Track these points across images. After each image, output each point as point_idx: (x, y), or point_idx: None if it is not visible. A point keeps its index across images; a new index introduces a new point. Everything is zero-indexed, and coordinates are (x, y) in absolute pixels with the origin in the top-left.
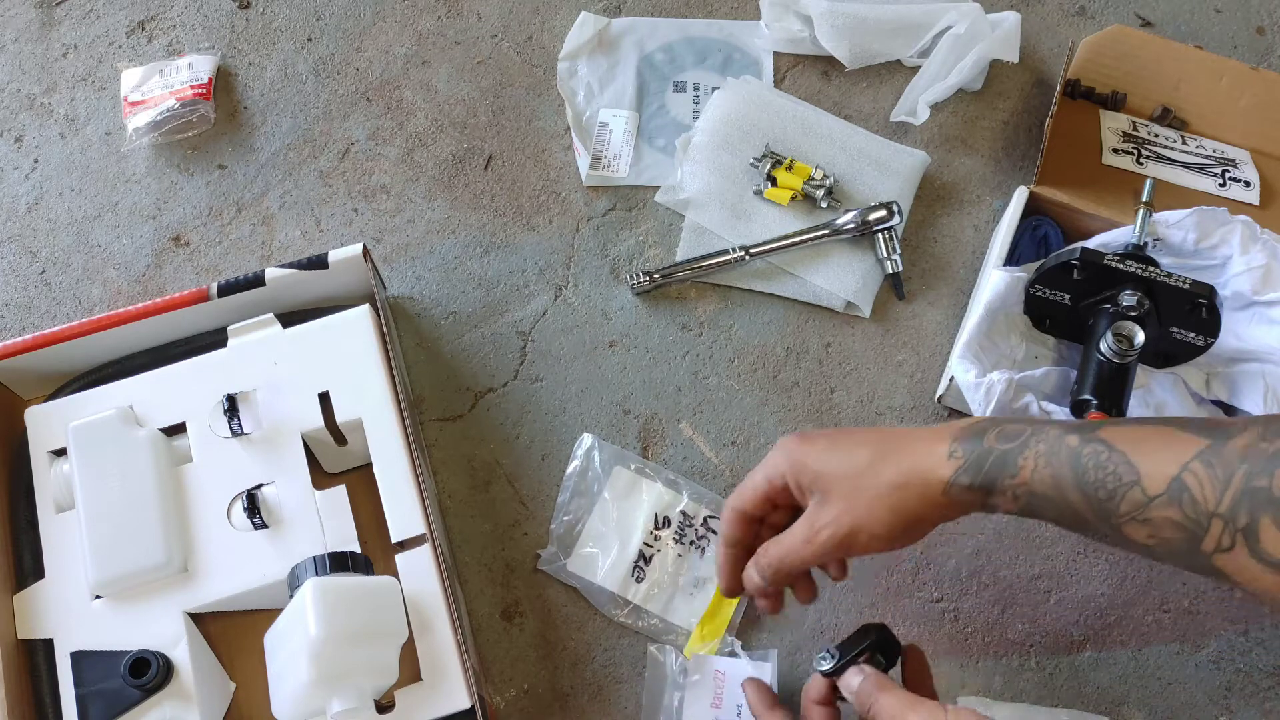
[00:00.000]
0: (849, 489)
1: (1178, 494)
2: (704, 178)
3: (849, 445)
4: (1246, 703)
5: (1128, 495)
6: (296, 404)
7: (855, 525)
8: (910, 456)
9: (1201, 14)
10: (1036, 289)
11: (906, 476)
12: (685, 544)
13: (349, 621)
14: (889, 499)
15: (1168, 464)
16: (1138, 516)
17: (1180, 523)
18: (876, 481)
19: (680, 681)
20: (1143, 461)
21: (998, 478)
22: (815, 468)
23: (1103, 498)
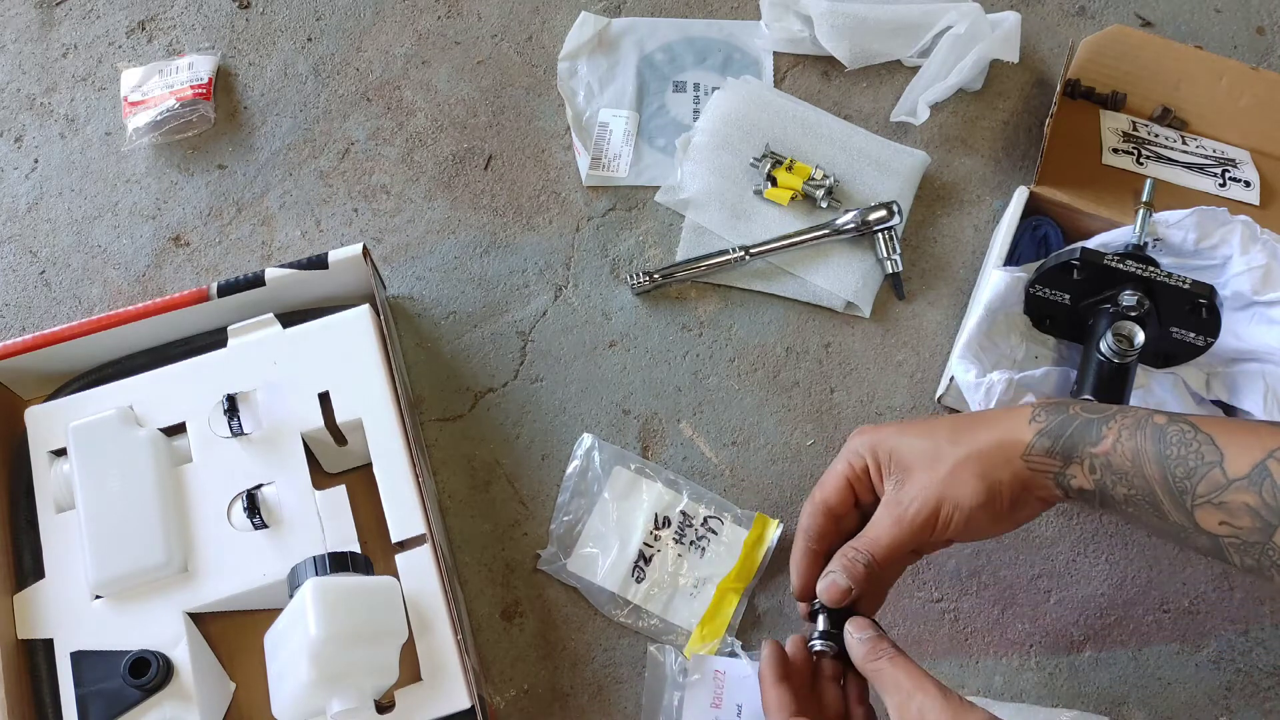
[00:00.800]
0: (930, 461)
1: (1259, 479)
2: (704, 178)
3: (927, 424)
4: (1246, 703)
5: (1208, 475)
6: (296, 404)
7: (941, 497)
8: (990, 424)
9: (1201, 14)
10: (1036, 289)
11: (986, 443)
12: (685, 544)
13: (349, 621)
14: (972, 465)
15: (1254, 450)
16: (1214, 499)
17: (1257, 509)
18: (957, 450)
19: (680, 681)
20: (1228, 445)
21: (1078, 444)
22: (894, 443)
23: (1181, 475)
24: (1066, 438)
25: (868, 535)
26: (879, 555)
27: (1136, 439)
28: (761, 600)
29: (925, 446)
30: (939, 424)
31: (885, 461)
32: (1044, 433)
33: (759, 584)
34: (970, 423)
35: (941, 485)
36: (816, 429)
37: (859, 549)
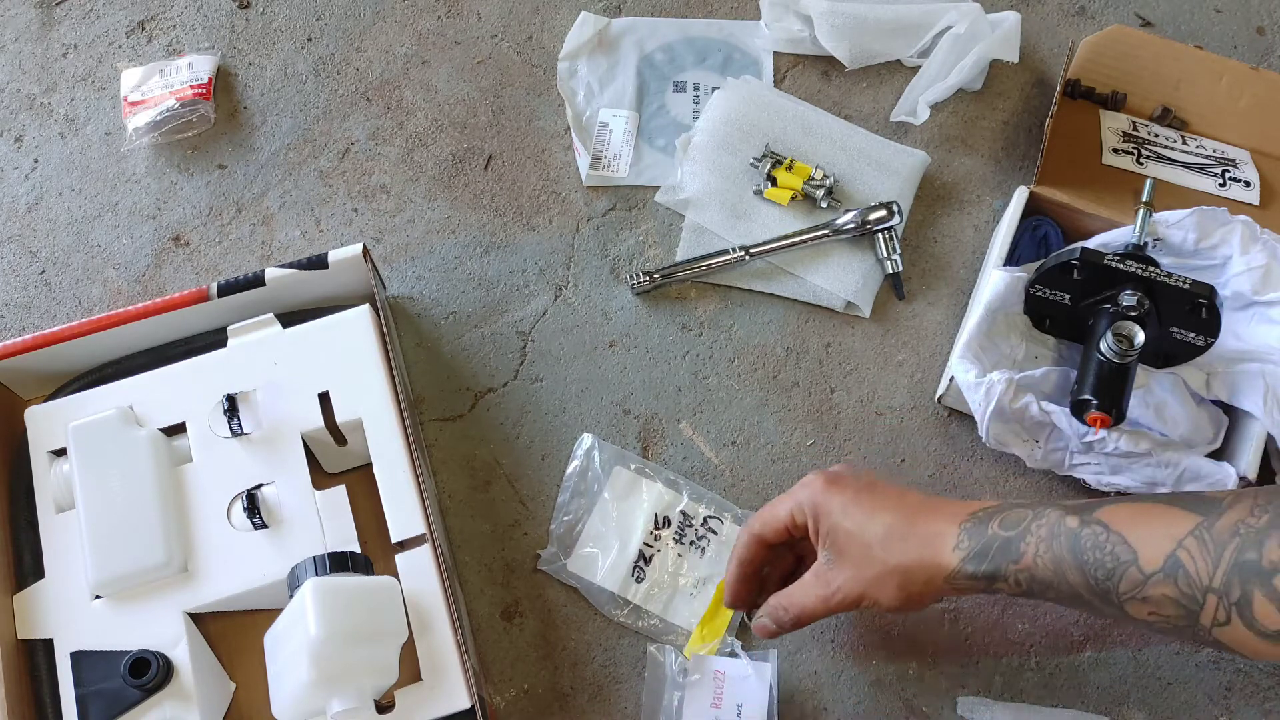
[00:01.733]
0: (861, 558)
1: (1173, 570)
2: (704, 178)
3: (869, 509)
4: (1246, 703)
5: (1126, 574)
6: (296, 404)
7: (864, 593)
8: (920, 540)
9: (1201, 14)
10: (1036, 289)
11: (915, 560)
12: (685, 544)
13: (349, 621)
14: (896, 577)
15: (1163, 541)
16: (1137, 595)
17: (1177, 599)
18: (887, 558)
19: (680, 681)
20: (1139, 540)
21: (1000, 564)
22: (835, 522)
23: (1102, 577)
24: (989, 560)
25: (796, 597)
26: (804, 617)
27: (1054, 549)
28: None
29: (859, 541)
30: (881, 512)
31: (823, 533)
32: (967, 559)
33: None
34: (902, 531)
35: (866, 585)
36: (816, 429)
37: (788, 608)
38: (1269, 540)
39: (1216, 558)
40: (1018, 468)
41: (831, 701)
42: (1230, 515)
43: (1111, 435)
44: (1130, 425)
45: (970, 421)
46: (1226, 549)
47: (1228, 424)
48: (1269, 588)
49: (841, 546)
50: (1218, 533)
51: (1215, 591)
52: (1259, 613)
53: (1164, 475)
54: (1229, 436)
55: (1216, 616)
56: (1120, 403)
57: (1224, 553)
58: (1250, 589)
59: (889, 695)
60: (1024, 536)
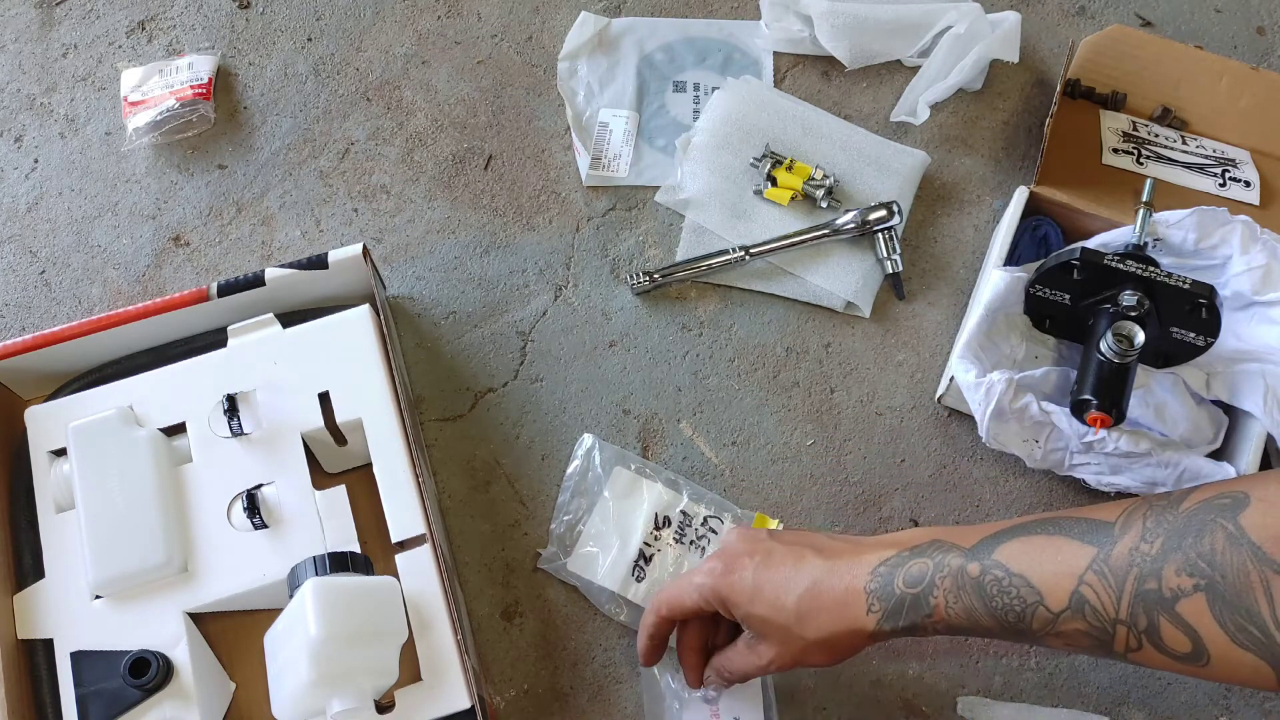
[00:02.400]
0: (782, 639)
1: (1079, 607)
2: (704, 178)
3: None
4: (1246, 703)
5: (1036, 614)
6: (296, 404)
7: (796, 660)
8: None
9: (1201, 14)
10: (1036, 289)
11: (833, 631)
12: (685, 544)
13: (349, 621)
14: (822, 648)
15: (1064, 579)
16: (1051, 631)
17: (1088, 632)
18: (805, 634)
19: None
20: (1041, 580)
21: (915, 620)
22: (746, 610)
23: (1013, 620)
24: (904, 617)
25: (737, 665)
26: (746, 679)
27: (962, 600)
28: None
29: (775, 625)
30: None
31: (740, 618)
32: (884, 619)
33: None
34: (812, 606)
35: (795, 656)
36: (816, 429)
37: (731, 673)
38: (1165, 567)
39: (1119, 590)
40: (1018, 468)
41: (831, 702)
42: (1124, 543)
43: (1111, 435)
44: (1130, 425)
45: (970, 421)
46: (1126, 580)
47: (1228, 424)
48: (1173, 614)
49: (760, 630)
50: (1114, 564)
51: (1123, 622)
52: (1167, 639)
53: (1164, 475)
54: (1229, 436)
55: (1129, 644)
56: (1120, 403)
57: (1124, 584)
58: (1156, 617)
59: (889, 695)
60: (930, 591)
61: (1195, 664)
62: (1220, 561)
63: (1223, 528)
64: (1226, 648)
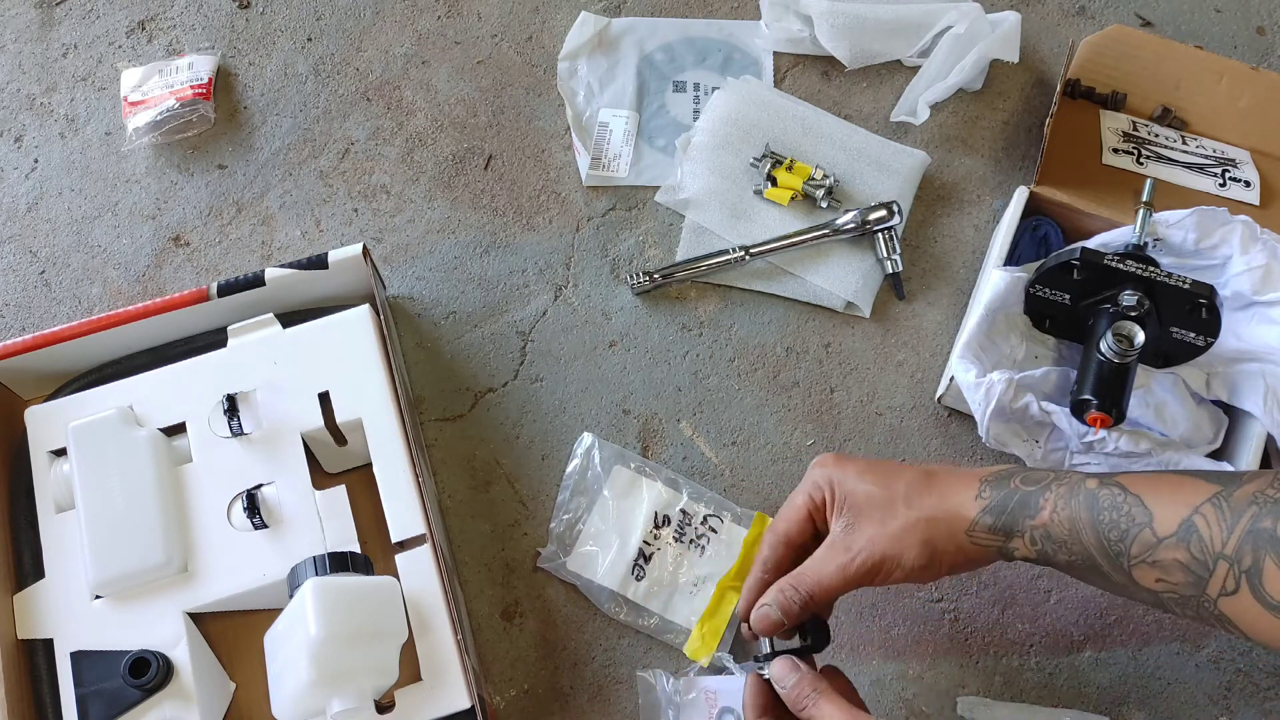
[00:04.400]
0: (881, 516)
1: (1187, 535)
2: (704, 178)
3: (885, 471)
4: (1246, 703)
5: (1139, 536)
6: (296, 404)
7: (886, 554)
8: (941, 491)
9: (1201, 14)
10: (1036, 289)
11: (935, 510)
12: (685, 543)
13: (349, 621)
14: (918, 531)
15: (1180, 506)
16: (1148, 559)
17: (1187, 564)
18: (908, 512)
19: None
20: (1156, 504)
21: (1018, 518)
22: (851, 487)
23: (1115, 538)
24: (1008, 514)
25: (808, 574)
26: (818, 595)
27: (1071, 507)
28: None
29: (880, 499)
30: (896, 477)
31: (840, 501)
32: (987, 510)
33: None
34: (924, 486)
35: (887, 543)
36: (816, 429)
37: (797, 587)
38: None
39: (1232, 524)
40: None
41: None
42: (1250, 486)
43: (1111, 435)
44: (1130, 425)
45: (970, 421)
46: (1243, 516)
47: (1228, 424)
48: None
49: (860, 507)
50: (1235, 501)
51: (1227, 558)
52: (1269, 582)
53: None
54: (1229, 436)
55: (1225, 585)
56: (1120, 403)
57: (1240, 520)
58: (1262, 556)
59: (889, 695)
60: (1043, 492)
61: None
62: None
63: None
64: None
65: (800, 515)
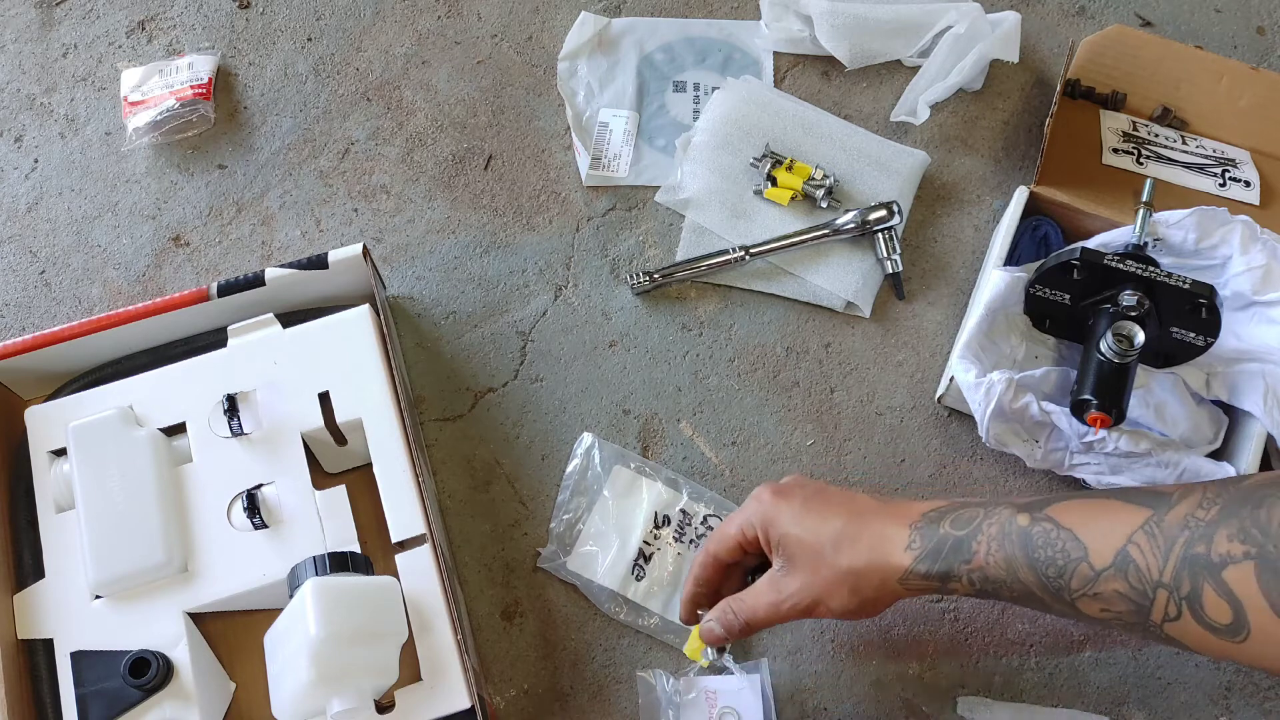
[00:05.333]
0: (812, 564)
1: (1123, 566)
2: (704, 178)
3: (819, 514)
4: (1246, 703)
5: (1077, 571)
6: (296, 404)
7: (816, 599)
8: (870, 542)
9: (1201, 14)
10: (1036, 289)
11: (866, 562)
12: (685, 542)
13: (349, 621)
14: (849, 581)
15: (1113, 537)
16: (1088, 591)
17: (1128, 594)
18: (838, 561)
19: (676, 701)
20: (1089, 536)
21: (952, 564)
22: (784, 530)
23: (1053, 575)
24: (941, 560)
25: (748, 602)
26: (754, 622)
27: (1005, 548)
28: None
29: (810, 547)
30: (831, 517)
31: (775, 542)
32: (920, 559)
33: None
34: (853, 535)
35: (818, 591)
36: (816, 429)
37: (737, 612)
38: (1218, 533)
39: (1166, 552)
40: (1018, 468)
41: (831, 701)
42: (1180, 509)
43: (1111, 435)
44: (1130, 425)
45: (970, 421)
46: (1176, 543)
47: (1228, 424)
48: (1218, 581)
49: (792, 553)
50: (1167, 527)
51: (1165, 586)
52: (1209, 607)
53: (1164, 475)
54: (1229, 436)
55: (1167, 611)
56: (1120, 403)
57: (1174, 546)
58: (1200, 583)
59: (889, 695)
60: (975, 535)
61: (1233, 638)
62: (1275, 532)
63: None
64: (1268, 622)
65: (730, 544)
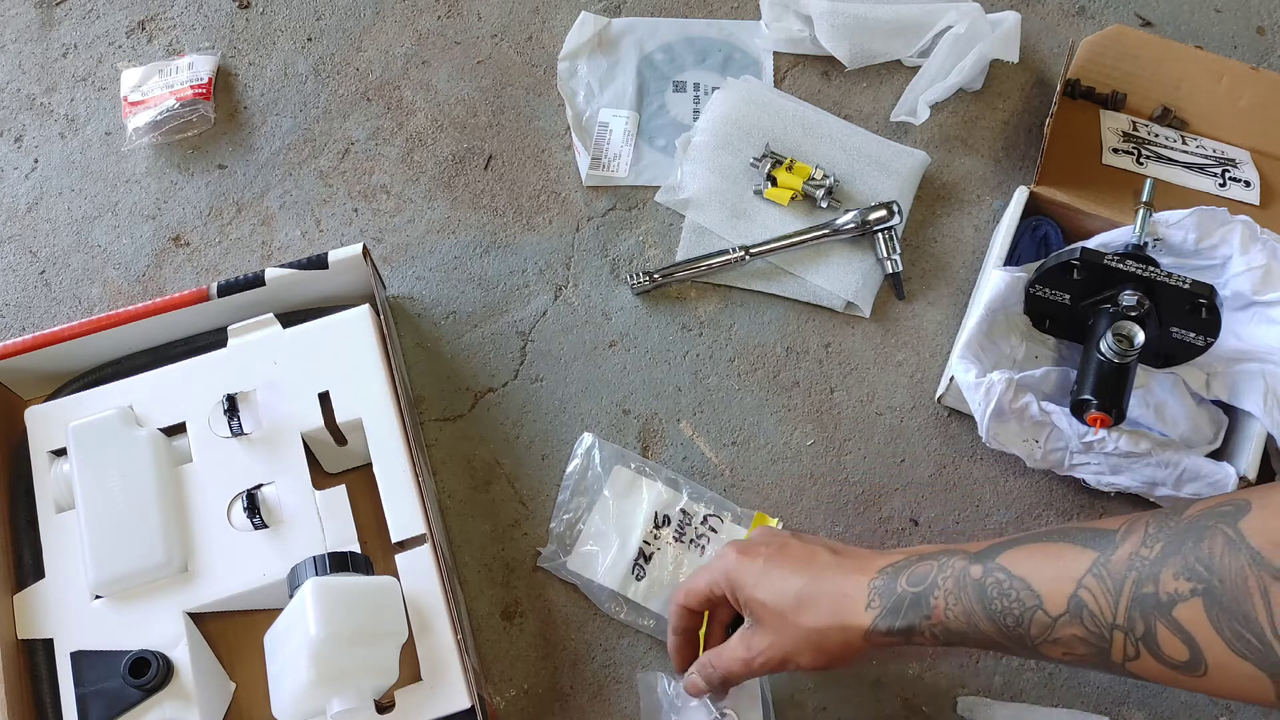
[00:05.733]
0: (778, 625)
1: (1077, 611)
2: (704, 178)
3: (780, 576)
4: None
5: (1034, 619)
6: (296, 404)
7: (785, 657)
8: (830, 603)
9: (1201, 14)
10: (1036, 289)
11: (828, 623)
12: (685, 542)
13: (349, 621)
14: (813, 640)
15: (1064, 583)
16: (1048, 638)
17: (1085, 638)
18: (800, 623)
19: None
20: (1041, 583)
21: (913, 620)
22: (749, 594)
23: (1011, 624)
24: (902, 617)
25: (725, 657)
26: (730, 678)
27: (962, 602)
28: None
29: (772, 610)
30: (792, 576)
31: (742, 602)
32: (881, 617)
33: None
34: (813, 594)
35: (786, 649)
36: (816, 429)
37: (715, 666)
38: (1163, 571)
39: (1116, 594)
40: (1018, 468)
41: (831, 701)
42: (1124, 548)
43: (1111, 435)
44: (1130, 425)
45: (970, 421)
46: (1125, 583)
47: (1228, 424)
48: (1170, 620)
49: (758, 615)
50: (1114, 567)
51: (1120, 628)
52: (1165, 646)
53: (1164, 475)
54: (1229, 436)
55: (1126, 652)
56: (1120, 403)
57: (1123, 587)
58: (1153, 623)
59: (889, 695)
60: (932, 591)
61: (1193, 674)
62: (1218, 566)
63: (1222, 532)
64: (1224, 656)
65: (699, 598)
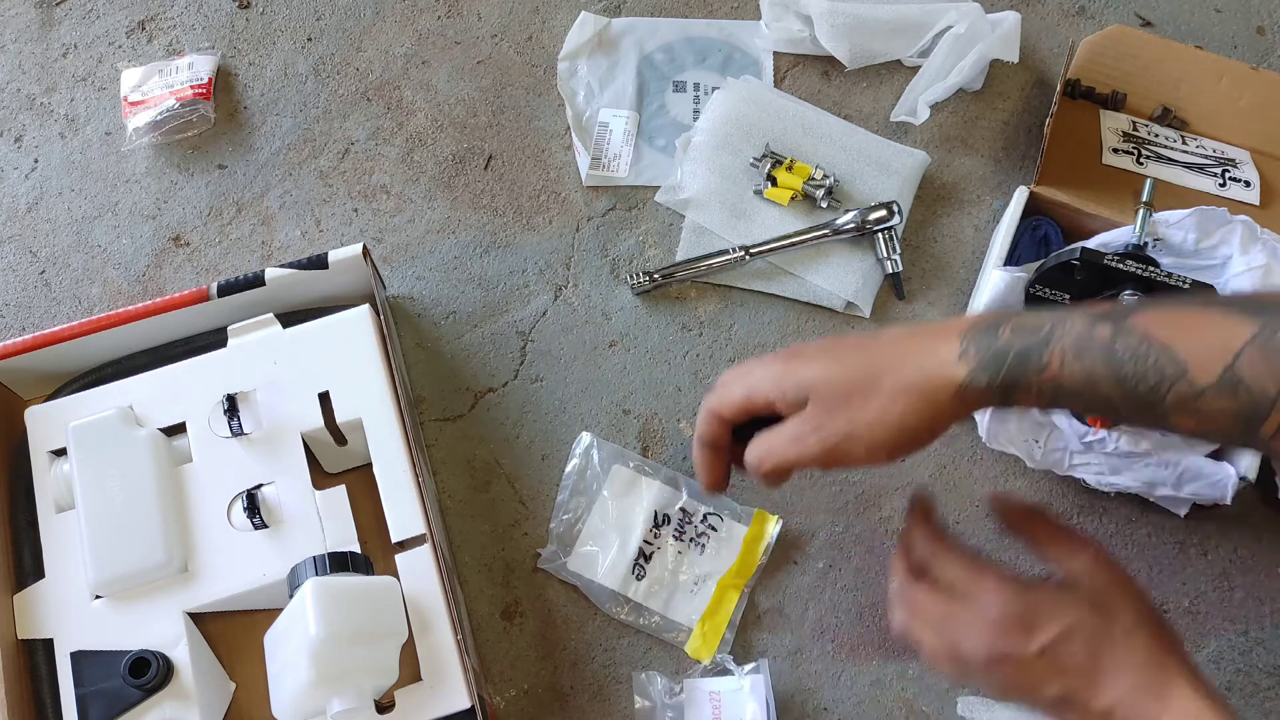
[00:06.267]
0: (843, 397)
1: (1232, 385)
2: (704, 178)
3: (844, 351)
4: (1246, 703)
5: (1174, 388)
6: (296, 404)
7: (847, 434)
8: (916, 360)
9: (1201, 14)
10: (1036, 289)
11: (911, 382)
12: (685, 541)
13: (349, 621)
14: (892, 409)
15: (1217, 353)
16: (1186, 409)
17: (1235, 411)
18: (876, 390)
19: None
20: (1189, 353)
21: (1020, 374)
22: (807, 378)
23: (1144, 391)
24: (1006, 371)
25: (777, 441)
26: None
27: (1084, 361)
28: (761, 597)
29: (839, 382)
30: (857, 350)
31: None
32: (979, 368)
33: (759, 580)
34: (894, 354)
35: (852, 426)
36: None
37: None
38: None
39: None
40: (1018, 468)
41: (831, 701)
42: None
43: (1111, 435)
44: None
45: (970, 421)
46: None
47: None
48: None
49: (821, 394)
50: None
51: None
52: None
53: (1164, 475)
54: None
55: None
56: None
57: None
58: None
59: (889, 695)
60: (1046, 344)
61: None
62: None
63: None
64: None
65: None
